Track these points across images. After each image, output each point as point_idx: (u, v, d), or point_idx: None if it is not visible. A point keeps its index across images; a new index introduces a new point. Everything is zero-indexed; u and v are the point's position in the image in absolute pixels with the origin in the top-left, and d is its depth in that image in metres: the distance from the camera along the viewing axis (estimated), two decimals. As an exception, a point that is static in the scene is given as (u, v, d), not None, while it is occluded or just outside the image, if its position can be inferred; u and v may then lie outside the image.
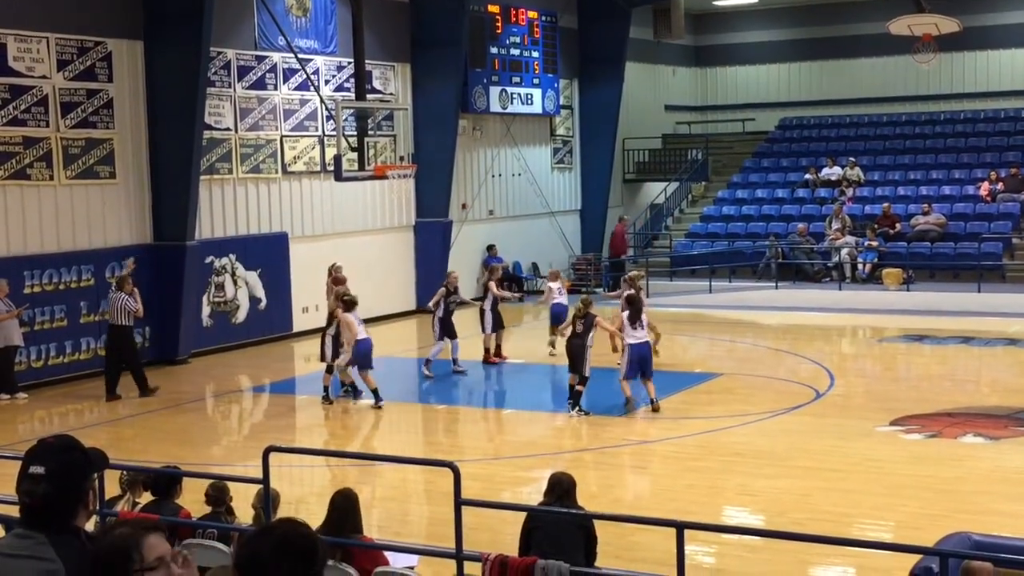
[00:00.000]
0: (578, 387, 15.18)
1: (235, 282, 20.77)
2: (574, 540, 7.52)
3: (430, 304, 18.58)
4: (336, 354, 16.07)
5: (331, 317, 16.27)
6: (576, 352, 15.20)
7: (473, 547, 7.27)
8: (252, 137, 21.01)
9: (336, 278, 17.84)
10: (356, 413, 15.95)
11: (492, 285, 19.11)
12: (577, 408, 15.06)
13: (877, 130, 32.17)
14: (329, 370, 16.17)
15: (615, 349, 16.93)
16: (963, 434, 13.66)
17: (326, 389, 16.14)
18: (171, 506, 8.11)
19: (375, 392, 15.62)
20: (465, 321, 19.43)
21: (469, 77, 25.14)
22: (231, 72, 20.56)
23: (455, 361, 18.06)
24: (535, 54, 27.26)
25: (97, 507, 6.98)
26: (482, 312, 18.80)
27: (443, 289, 18.38)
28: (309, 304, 21.79)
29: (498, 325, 18.87)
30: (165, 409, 16.07)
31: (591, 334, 15.26)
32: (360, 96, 21.06)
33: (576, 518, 7.59)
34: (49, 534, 3.43)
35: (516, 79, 26.72)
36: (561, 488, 7.76)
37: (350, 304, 15.75)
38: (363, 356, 15.65)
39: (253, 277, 21.04)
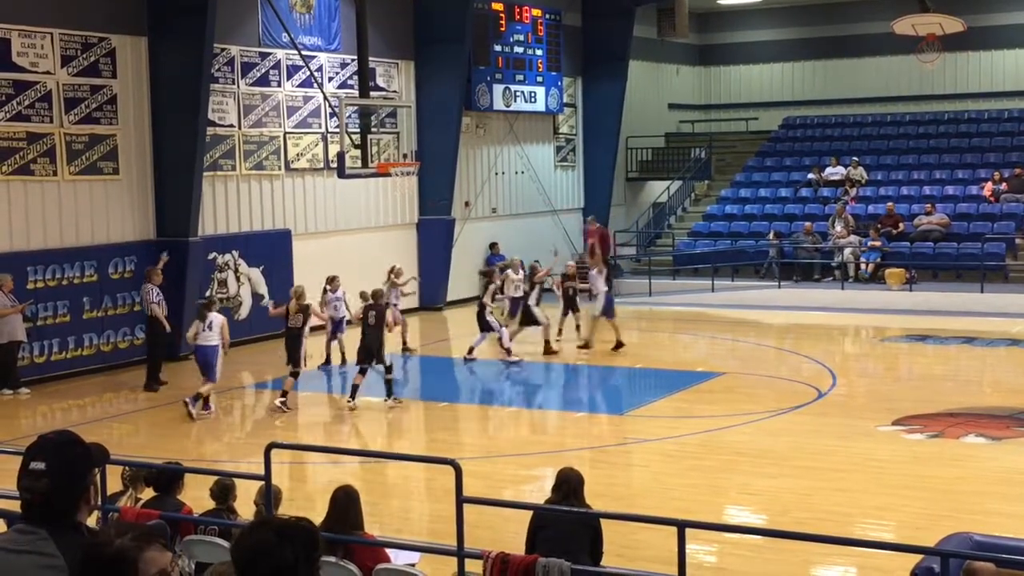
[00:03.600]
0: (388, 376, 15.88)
1: (238, 278, 20.78)
2: (580, 539, 7.51)
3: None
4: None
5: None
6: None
7: (474, 544, 7.28)
8: (255, 134, 21.01)
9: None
10: (358, 410, 15.95)
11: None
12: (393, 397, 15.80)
13: (881, 130, 32.15)
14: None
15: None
16: (965, 434, 13.65)
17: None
18: (173, 502, 8.11)
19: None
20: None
21: (473, 75, 25.13)
22: (235, 68, 20.56)
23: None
24: (539, 52, 27.25)
25: (99, 503, 6.99)
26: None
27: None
28: (312, 301, 21.74)
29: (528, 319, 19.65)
30: (167, 405, 16.08)
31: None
32: (363, 93, 21.06)
33: (581, 517, 7.58)
34: (51, 529, 3.43)
35: (520, 77, 26.71)
36: (568, 486, 7.72)
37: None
38: None
39: (256, 274, 21.05)
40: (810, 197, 29.70)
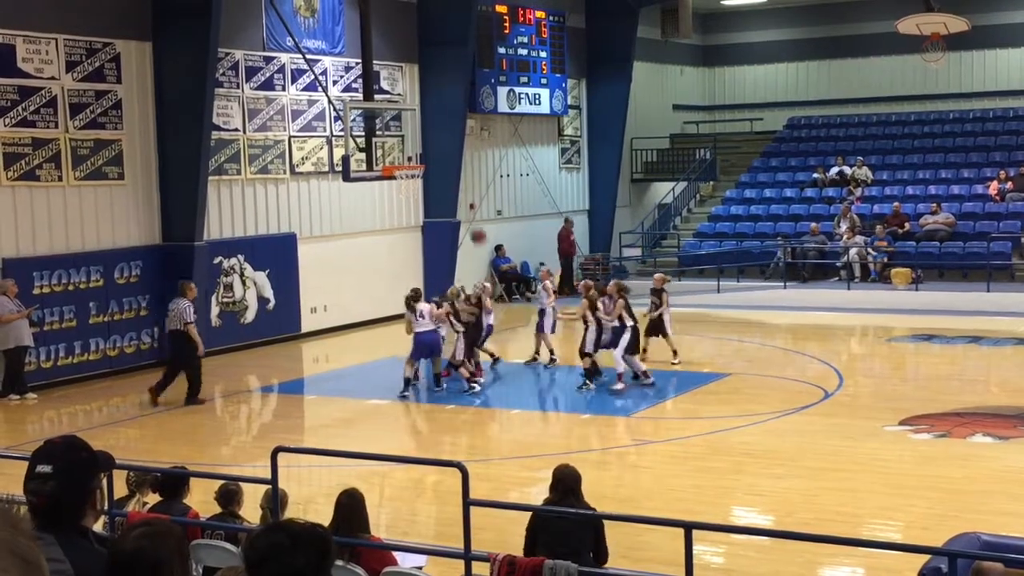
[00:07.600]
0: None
1: (243, 282, 20.80)
2: (581, 537, 7.52)
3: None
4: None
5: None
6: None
7: (481, 547, 7.28)
8: (260, 138, 21.03)
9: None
10: (364, 413, 15.96)
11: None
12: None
13: (886, 129, 32.13)
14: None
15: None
16: (972, 434, 13.63)
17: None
18: (179, 507, 8.11)
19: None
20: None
21: (477, 77, 25.14)
22: (239, 73, 20.58)
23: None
24: (543, 54, 27.26)
25: (105, 508, 7.00)
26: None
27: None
28: (317, 304, 21.84)
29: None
30: (173, 409, 16.09)
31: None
32: (368, 96, 21.06)
33: (583, 518, 7.58)
34: (57, 534, 3.43)
35: (524, 79, 26.72)
36: (565, 485, 7.72)
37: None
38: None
39: (261, 277, 21.07)
40: (815, 197, 29.69)
